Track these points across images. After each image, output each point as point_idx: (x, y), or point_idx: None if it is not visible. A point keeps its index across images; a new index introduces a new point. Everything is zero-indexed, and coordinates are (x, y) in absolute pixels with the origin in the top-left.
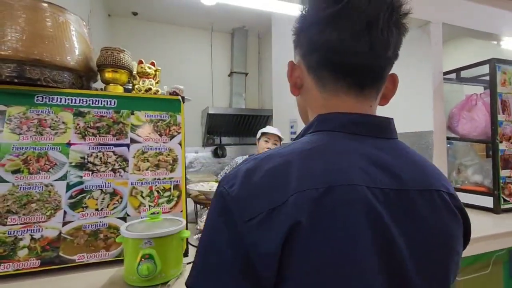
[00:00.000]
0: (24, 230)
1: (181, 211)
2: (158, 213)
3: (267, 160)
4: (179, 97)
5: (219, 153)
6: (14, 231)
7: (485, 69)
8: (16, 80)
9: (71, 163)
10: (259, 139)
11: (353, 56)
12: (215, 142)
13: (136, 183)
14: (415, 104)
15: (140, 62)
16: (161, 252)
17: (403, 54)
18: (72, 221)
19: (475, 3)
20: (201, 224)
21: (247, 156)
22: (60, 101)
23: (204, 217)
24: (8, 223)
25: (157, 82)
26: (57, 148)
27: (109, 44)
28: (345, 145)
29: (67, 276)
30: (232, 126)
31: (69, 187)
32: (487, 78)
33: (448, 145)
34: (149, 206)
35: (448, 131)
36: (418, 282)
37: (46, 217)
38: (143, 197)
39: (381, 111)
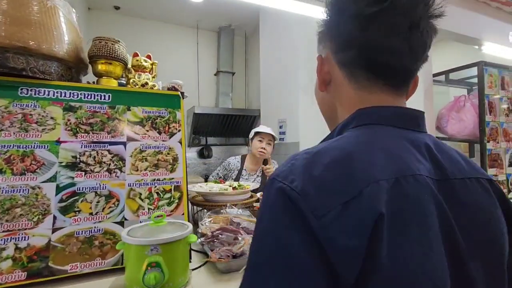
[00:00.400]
0: (7, 239)
1: (183, 214)
2: (162, 216)
3: (321, 155)
4: (179, 93)
5: (205, 153)
6: None
7: (471, 71)
8: None
9: (61, 162)
10: (252, 138)
11: (393, 56)
12: (200, 143)
13: (134, 184)
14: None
15: (135, 55)
16: (168, 259)
17: None
18: (63, 227)
19: (460, 7)
20: (202, 227)
21: (238, 156)
22: (48, 94)
23: (206, 219)
24: None
25: (153, 77)
26: (45, 146)
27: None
28: (395, 137)
29: None
30: (219, 126)
31: (59, 189)
32: (472, 80)
33: None
34: (149, 209)
35: (437, 131)
36: (473, 265)
37: (33, 223)
38: (141, 200)
39: None
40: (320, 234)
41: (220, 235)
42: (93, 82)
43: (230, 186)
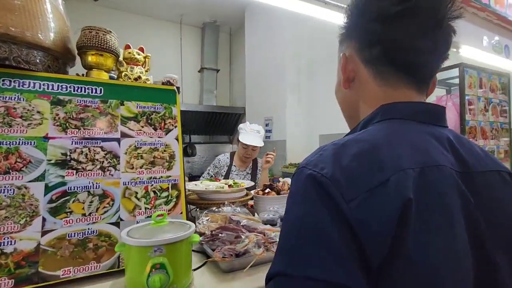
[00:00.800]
0: None
1: (181, 213)
2: (163, 215)
3: (348, 146)
4: (174, 88)
5: (188, 152)
6: None
7: (451, 73)
8: None
9: (49, 160)
10: (238, 139)
11: (418, 54)
12: (184, 141)
13: (130, 183)
14: None
15: (127, 47)
16: (172, 260)
17: None
18: (53, 230)
19: None
20: (200, 226)
21: (227, 153)
22: (34, 87)
23: (204, 218)
24: None
25: (146, 70)
26: (31, 142)
27: None
28: (419, 131)
29: None
30: (203, 124)
31: (48, 189)
32: (452, 81)
33: None
34: (146, 208)
35: None
36: (496, 255)
37: (19, 226)
38: (138, 199)
39: None
40: (350, 216)
41: (220, 234)
42: (82, 75)
43: (226, 184)
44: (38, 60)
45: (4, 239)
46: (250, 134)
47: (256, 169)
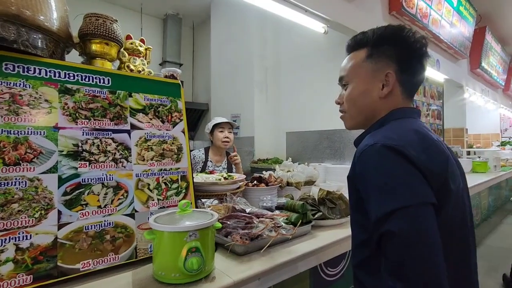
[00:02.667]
0: (5, 239)
1: (191, 203)
2: (187, 204)
3: (396, 131)
4: (179, 81)
5: None
6: None
7: None
8: None
9: (61, 151)
10: (212, 132)
11: (423, 78)
12: None
13: (142, 175)
14: None
15: (128, 37)
16: (204, 244)
17: (340, 59)
18: (70, 223)
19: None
20: None
21: (202, 148)
22: (40, 73)
23: (207, 209)
24: None
25: (148, 62)
26: (40, 132)
27: None
28: (421, 123)
29: None
30: None
31: (61, 181)
32: None
33: None
34: (158, 199)
35: None
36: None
37: (34, 219)
38: (150, 190)
39: (331, 109)
40: (420, 165)
41: (227, 222)
42: (81, 63)
43: (222, 176)
44: (44, 45)
45: (19, 233)
46: (219, 118)
47: (231, 163)
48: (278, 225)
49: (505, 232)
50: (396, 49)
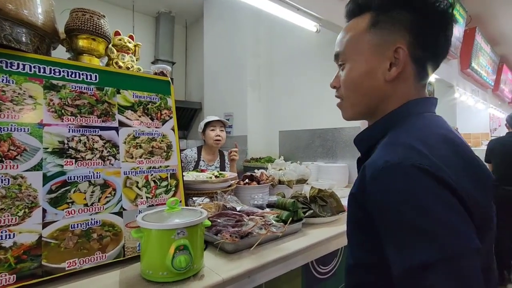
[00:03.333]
0: None
1: (180, 202)
2: (175, 202)
3: (423, 139)
4: (169, 79)
5: None
6: None
7: None
8: None
9: (46, 148)
10: (203, 131)
11: (445, 56)
12: None
13: (130, 173)
14: None
15: (117, 34)
16: (192, 242)
17: (333, 58)
18: (55, 221)
19: None
20: None
21: (194, 147)
22: (23, 69)
23: (198, 207)
24: None
25: (137, 59)
26: (24, 129)
27: None
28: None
29: None
30: None
31: (46, 178)
32: None
33: None
34: (147, 198)
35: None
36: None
37: (18, 218)
38: (139, 188)
39: (324, 108)
40: (462, 194)
41: (217, 220)
42: (68, 59)
43: (213, 175)
44: (29, 40)
45: (1, 232)
46: (211, 117)
47: (224, 161)
48: (269, 223)
49: None
50: (412, 14)
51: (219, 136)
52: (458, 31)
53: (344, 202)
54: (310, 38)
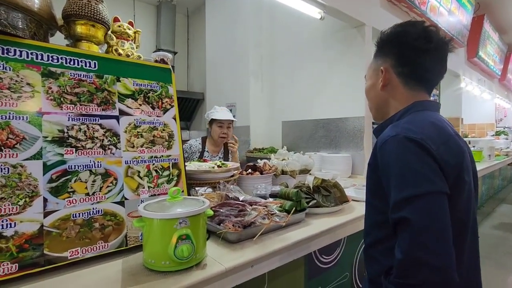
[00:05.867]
0: None
1: (182, 191)
2: (178, 191)
3: (416, 124)
4: (170, 66)
5: None
6: None
7: None
8: None
9: (46, 137)
10: (210, 123)
11: (435, 75)
12: None
13: (131, 162)
14: (351, 94)
15: (116, 20)
16: (194, 231)
17: (341, 51)
18: (56, 210)
19: (393, 15)
20: None
21: (199, 138)
22: (20, 55)
23: (201, 191)
24: None
25: (137, 46)
26: (23, 117)
27: None
28: (440, 116)
29: (60, 278)
30: None
31: (47, 167)
32: None
33: (373, 128)
34: (149, 187)
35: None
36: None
37: (18, 207)
38: (140, 178)
39: (328, 98)
40: (437, 157)
41: (220, 210)
42: (67, 46)
43: (215, 164)
44: (25, 26)
45: (2, 221)
46: (221, 112)
47: (228, 153)
48: (272, 212)
49: (496, 221)
50: (395, 47)
51: (225, 134)
52: (465, 18)
53: (348, 192)
54: (314, 26)
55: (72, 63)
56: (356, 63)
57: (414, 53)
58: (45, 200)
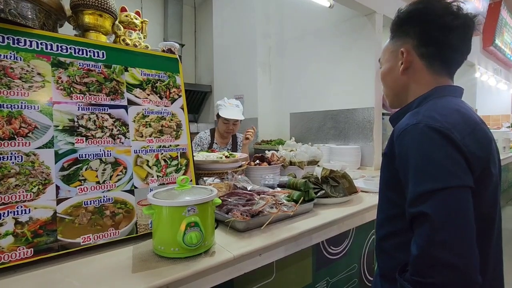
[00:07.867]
0: (4, 213)
1: (191, 181)
2: (186, 180)
3: (438, 111)
4: (177, 56)
5: None
6: None
7: None
8: None
9: (57, 126)
10: (217, 116)
11: (461, 55)
12: None
13: (140, 151)
14: (360, 84)
15: (123, 10)
16: (203, 219)
17: (350, 40)
18: (68, 198)
19: (405, 2)
20: None
21: (208, 130)
22: (31, 45)
23: (210, 181)
24: None
25: (144, 37)
26: (34, 106)
27: None
28: (464, 103)
29: (73, 262)
30: None
31: (58, 156)
32: None
33: (382, 120)
34: (158, 176)
35: (383, 108)
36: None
37: (32, 194)
38: (149, 167)
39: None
40: (463, 148)
41: (228, 199)
42: (75, 36)
43: (223, 155)
44: (34, 16)
45: (17, 207)
46: (229, 108)
47: (236, 145)
48: (280, 202)
49: (510, 214)
50: (417, 25)
51: (230, 130)
52: (482, 5)
53: (357, 183)
54: (322, 15)
55: (80, 53)
56: (366, 53)
57: (440, 31)
58: (57, 187)
